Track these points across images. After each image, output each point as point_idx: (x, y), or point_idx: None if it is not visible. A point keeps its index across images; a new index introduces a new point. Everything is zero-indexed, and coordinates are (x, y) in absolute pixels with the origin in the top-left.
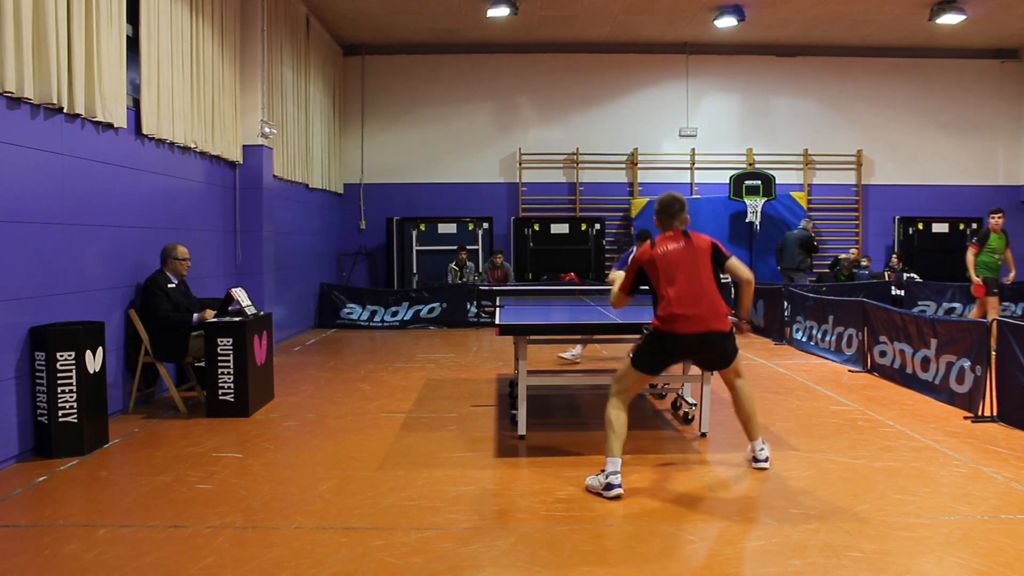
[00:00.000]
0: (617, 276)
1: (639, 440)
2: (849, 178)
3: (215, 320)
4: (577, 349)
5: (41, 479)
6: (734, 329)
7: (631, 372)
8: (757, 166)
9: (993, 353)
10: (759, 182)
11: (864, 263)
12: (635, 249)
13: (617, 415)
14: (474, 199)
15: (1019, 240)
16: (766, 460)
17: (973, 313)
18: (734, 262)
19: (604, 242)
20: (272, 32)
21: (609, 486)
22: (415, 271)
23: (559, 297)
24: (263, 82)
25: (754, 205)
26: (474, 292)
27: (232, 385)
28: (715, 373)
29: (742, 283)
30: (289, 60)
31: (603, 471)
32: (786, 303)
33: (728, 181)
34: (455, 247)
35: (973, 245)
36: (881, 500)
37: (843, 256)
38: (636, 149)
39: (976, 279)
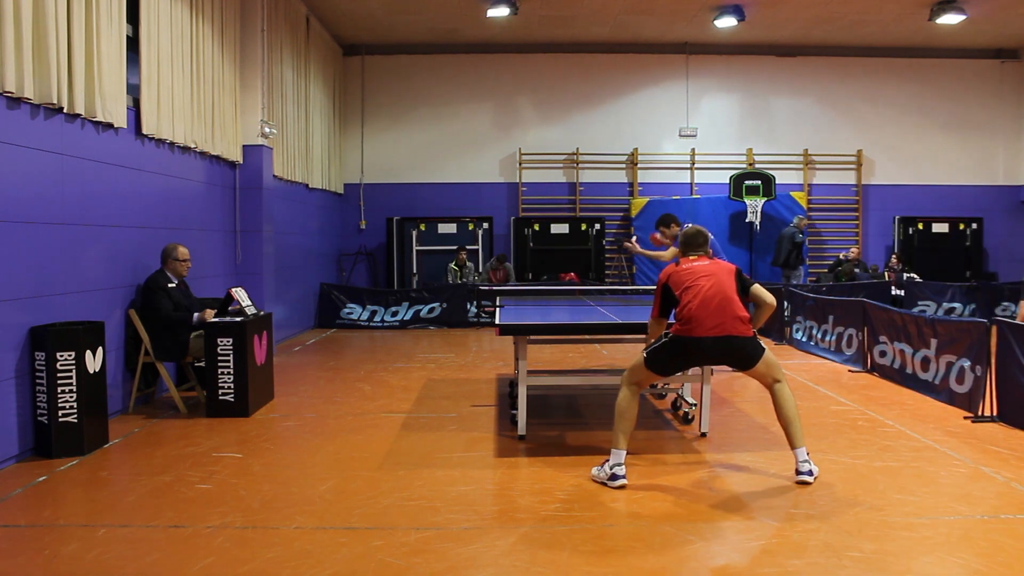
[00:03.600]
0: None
1: (639, 440)
2: (849, 178)
3: (215, 320)
4: None
5: (41, 479)
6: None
7: (643, 370)
8: (757, 166)
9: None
10: (759, 182)
11: (871, 270)
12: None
13: (629, 406)
14: (474, 199)
15: (1020, 241)
16: (809, 473)
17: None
18: (758, 288)
19: (604, 242)
20: (272, 32)
21: (614, 476)
22: (415, 271)
23: (559, 297)
24: (263, 82)
25: (754, 205)
26: (474, 292)
27: (232, 385)
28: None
29: (764, 307)
30: (289, 60)
31: (607, 462)
32: (786, 303)
33: (728, 181)
34: (455, 247)
35: None
36: (881, 500)
37: (843, 255)
38: (636, 149)
39: None
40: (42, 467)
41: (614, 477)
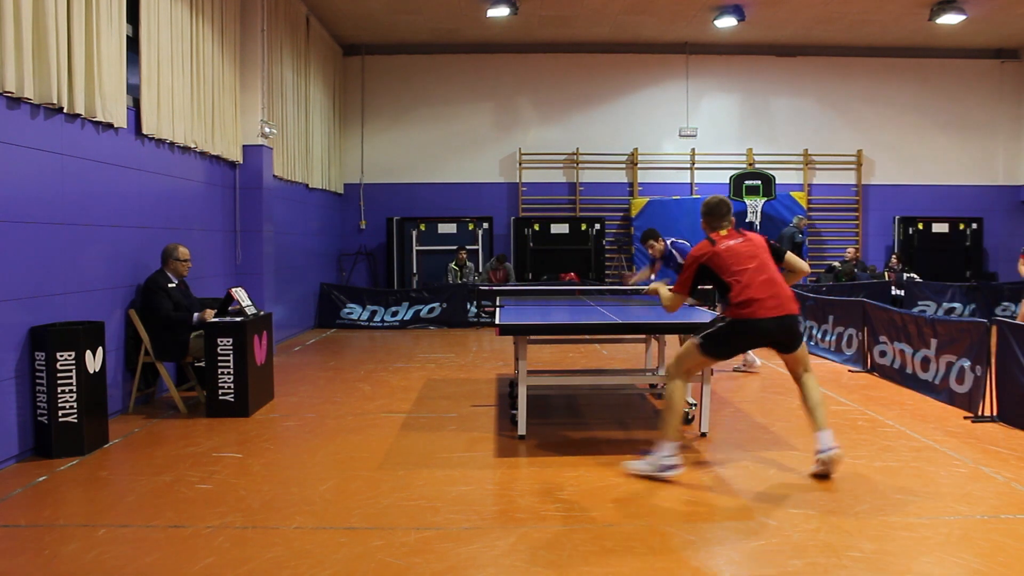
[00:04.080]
0: (641, 277)
1: (639, 440)
2: (849, 178)
3: (215, 320)
4: (751, 357)
5: (41, 479)
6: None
7: (696, 355)
8: (757, 166)
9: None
10: (759, 182)
11: (869, 270)
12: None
13: (681, 396)
14: (474, 199)
15: (1020, 241)
16: (830, 449)
17: (1020, 315)
18: (792, 256)
19: (604, 242)
20: (272, 32)
21: (667, 467)
22: (415, 271)
23: (559, 297)
24: (263, 82)
25: (754, 205)
26: (474, 292)
27: (232, 385)
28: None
29: (798, 273)
30: (289, 60)
31: (650, 454)
32: None
33: (728, 181)
34: (455, 247)
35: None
36: (881, 500)
37: (836, 264)
38: (636, 149)
39: None
40: (42, 467)
41: (667, 468)
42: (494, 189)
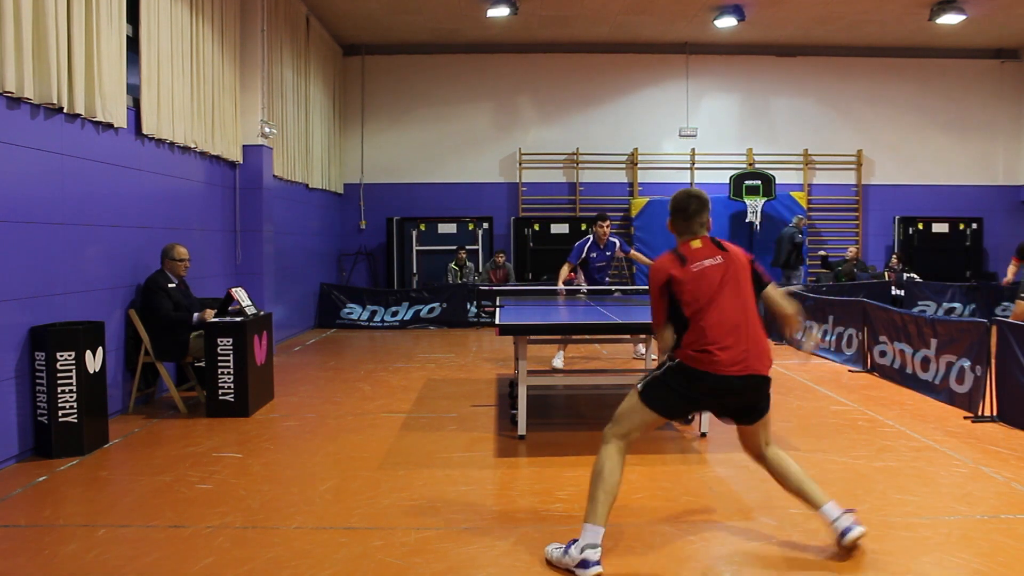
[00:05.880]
0: (564, 275)
1: (639, 440)
2: (849, 178)
3: (215, 320)
4: (559, 357)
5: (41, 479)
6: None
7: (641, 410)
8: (757, 166)
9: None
10: (759, 182)
11: (870, 269)
12: (590, 241)
13: (612, 466)
14: (474, 199)
15: (1019, 241)
16: (854, 528)
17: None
18: (772, 291)
19: None
20: (272, 32)
21: (585, 563)
22: (415, 271)
23: (559, 297)
24: (263, 82)
25: (754, 205)
26: (474, 292)
27: (232, 385)
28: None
29: (780, 317)
30: (289, 60)
31: (573, 541)
32: None
33: (728, 181)
34: (455, 247)
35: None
36: (881, 500)
37: (823, 253)
38: (636, 149)
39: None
40: (42, 467)
41: (584, 564)
42: (494, 189)
